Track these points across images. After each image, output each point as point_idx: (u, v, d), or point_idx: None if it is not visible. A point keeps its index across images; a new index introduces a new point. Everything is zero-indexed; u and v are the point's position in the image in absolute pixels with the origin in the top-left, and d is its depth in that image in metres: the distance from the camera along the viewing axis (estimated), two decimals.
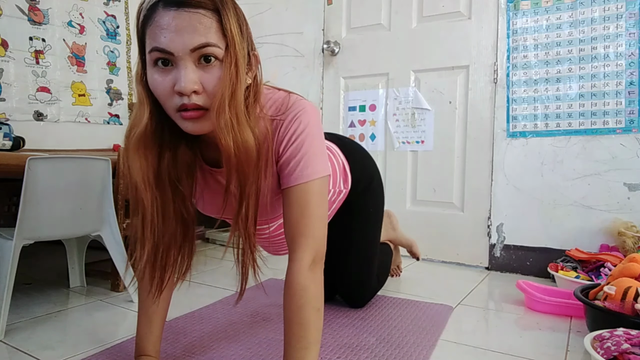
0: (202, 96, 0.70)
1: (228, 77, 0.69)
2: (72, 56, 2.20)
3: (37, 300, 1.46)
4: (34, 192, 1.19)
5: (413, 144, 2.16)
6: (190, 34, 0.67)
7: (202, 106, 0.70)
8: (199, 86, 0.69)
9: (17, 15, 1.99)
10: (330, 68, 2.37)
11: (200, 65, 0.69)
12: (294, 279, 0.78)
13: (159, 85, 0.70)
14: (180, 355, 1.05)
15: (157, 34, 0.68)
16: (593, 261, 1.60)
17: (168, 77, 0.69)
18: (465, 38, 2.01)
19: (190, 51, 0.67)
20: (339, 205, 1.25)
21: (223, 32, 0.69)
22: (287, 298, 0.79)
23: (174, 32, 0.67)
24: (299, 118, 0.81)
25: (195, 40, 0.67)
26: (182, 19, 0.67)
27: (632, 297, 1.12)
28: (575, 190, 1.79)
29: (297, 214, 0.80)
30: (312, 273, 0.79)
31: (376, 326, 1.25)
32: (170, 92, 0.69)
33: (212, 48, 0.68)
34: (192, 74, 0.68)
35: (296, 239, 0.80)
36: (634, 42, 1.68)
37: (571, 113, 1.80)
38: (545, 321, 1.33)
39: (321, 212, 0.82)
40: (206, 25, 0.68)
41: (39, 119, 2.07)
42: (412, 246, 1.76)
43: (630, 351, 0.89)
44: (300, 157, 0.80)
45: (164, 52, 0.68)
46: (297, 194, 0.80)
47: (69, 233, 1.37)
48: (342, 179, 1.20)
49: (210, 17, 0.68)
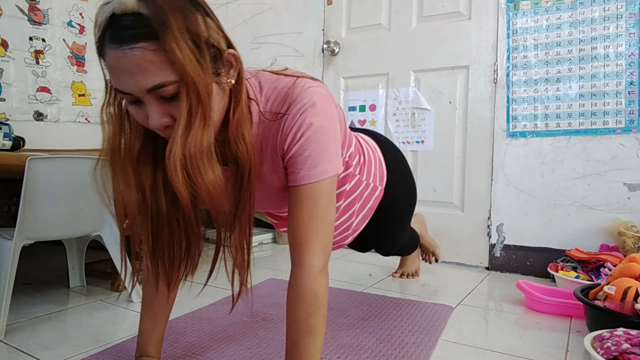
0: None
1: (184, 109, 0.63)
2: (72, 56, 2.20)
3: (37, 300, 1.46)
4: (34, 192, 1.19)
5: (413, 144, 2.16)
6: (140, 76, 0.62)
7: None
8: (169, 119, 0.66)
9: (17, 15, 1.99)
10: (330, 68, 2.37)
11: (165, 100, 0.65)
12: (304, 285, 0.75)
13: (137, 117, 0.68)
14: (180, 356, 1.05)
15: (111, 74, 0.65)
16: (593, 261, 1.60)
17: (142, 112, 0.67)
18: (465, 38, 2.01)
19: (147, 92, 0.63)
20: (376, 204, 1.15)
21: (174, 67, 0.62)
22: (296, 304, 0.76)
23: (125, 74, 0.62)
24: (304, 112, 0.74)
25: (147, 82, 0.62)
26: (127, 60, 0.61)
27: (632, 297, 1.12)
28: (575, 190, 1.79)
29: (305, 216, 0.76)
30: (322, 278, 0.76)
31: (376, 326, 1.25)
32: (147, 123, 0.67)
33: (167, 88, 0.63)
34: (158, 113, 0.65)
35: (304, 243, 0.76)
36: (634, 42, 1.68)
37: (571, 113, 1.80)
38: (545, 321, 1.33)
39: (330, 214, 0.79)
40: (154, 63, 0.61)
41: (39, 119, 2.07)
42: (437, 248, 1.80)
43: (630, 351, 0.89)
44: (307, 155, 0.75)
45: (124, 94, 0.65)
46: (304, 195, 0.76)
47: (69, 233, 1.37)
48: (379, 175, 1.13)
49: (155, 49, 0.60)
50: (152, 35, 0.60)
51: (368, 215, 1.16)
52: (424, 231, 1.78)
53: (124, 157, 0.73)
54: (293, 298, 0.76)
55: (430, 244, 1.79)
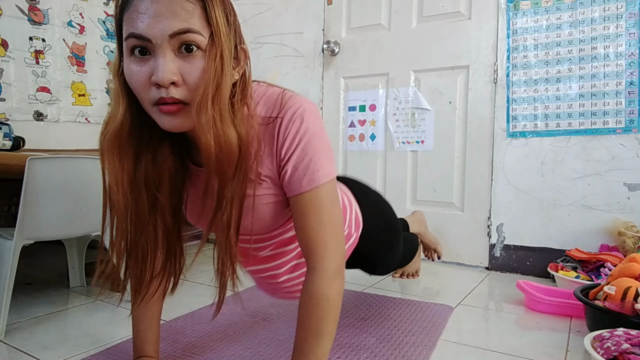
0: (182, 89, 0.64)
1: (212, 69, 0.63)
2: (72, 56, 2.20)
3: (37, 300, 1.46)
4: (34, 192, 1.19)
5: (413, 144, 2.16)
6: (170, 19, 0.61)
7: (181, 100, 0.64)
8: (178, 77, 0.63)
9: (17, 15, 1.99)
10: (330, 68, 2.37)
11: (180, 54, 0.63)
12: (317, 290, 0.74)
13: (135, 75, 0.64)
14: (180, 355, 1.05)
15: (134, 19, 0.62)
16: (593, 261, 1.60)
17: (145, 67, 0.63)
18: (465, 38, 2.01)
19: (169, 37, 0.61)
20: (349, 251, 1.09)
21: (207, 20, 0.63)
22: (307, 307, 0.75)
23: (152, 17, 0.61)
24: (299, 116, 0.73)
25: (175, 25, 0.61)
26: (162, 3, 0.61)
27: (632, 297, 1.12)
28: (575, 190, 1.79)
29: (314, 222, 0.74)
30: (335, 282, 0.75)
31: (376, 326, 1.25)
32: (147, 83, 0.63)
33: (194, 35, 0.62)
34: (171, 64, 0.62)
35: (316, 249, 0.75)
36: (634, 42, 1.68)
37: (571, 113, 1.80)
38: (545, 321, 1.33)
39: (337, 216, 0.78)
40: (188, 11, 0.62)
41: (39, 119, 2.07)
42: (438, 245, 1.80)
43: (630, 351, 0.89)
44: (308, 160, 0.73)
45: (140, 39, 0.62)
46: (310, 201, 0.74)
47: (69, 233, 1.37)
48: (354, 223, 1.08)
49: (193, 2, 0.62)
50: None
51: None
52: (424, 229, 1.77)
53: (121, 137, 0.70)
54: (306, 301, 0.76)
55: (431, 241, 1.79)
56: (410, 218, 1.73)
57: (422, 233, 1.75)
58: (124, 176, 0.71)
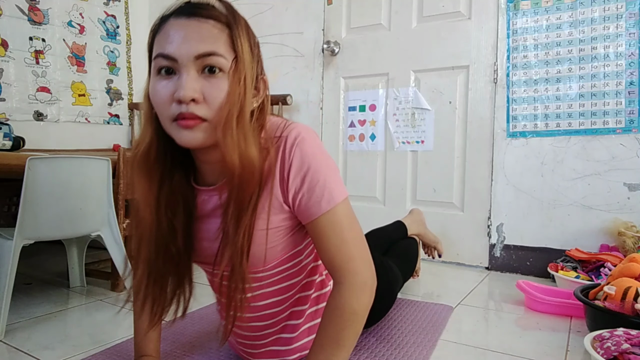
0: (202, 106, 0.66)
1: (237, 92, 0.67)
2: (72, 56, 2.20)
3: (37, 300, 1.46)
4: (34, 192, 1.19)
5: (413, 144, 2.16)
6: (197, 42, 0.66)
7: (199, 116, 0.66)
8: (199, 95, 0.66)
9: (17, 15, 1.99)
10: (330, 68, 2.37)
11: (203, 74, 0.67)
12: (345, 302, 0.74)
13: (159, 92, 0.68)
14: (180, 355, 1.05)
15: (164, 41, 0.67)
16: (593, 261, 1.60)
17: (170, 84, 0.67)
18: (465, 38, 2.01)
19: (195, 58, 0.65)
20: None
21: (232, 46, 0.68)
22: (331, 317, 0.75)
23: (181, 39, 0.66)
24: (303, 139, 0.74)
25: (201, 47, 0.65)
26: (191, 28, 0.66)
27: (632, 297, 1.12)
28: (575, 190, 1.79)
29: (337, 242, 0.74)
30: (363, 296, 0.75)
31: (376, 326, 1.25)
32: (169, 99, 0.67)
33: (218, 58, 0.66)
34: (194, 82, 0.66)
35: (343, 266, 0.75)
36: (634, 42, 1.68)
37: (571, 113, 1.80)
38: (545, 321, 1.33)
39: (358, 231, 0.78)
40: (215, 35, 0.67)
41: (39, 119, 2.07)
42: (438, 243, 1.79)
43: (630, 351, 0.89)
44: (322, 183, 0.73)
45: (167, 58, 0.66)
46: (329, 222, 0.74)
47: (69, 233, 1.37)
48: None
49: (220, 28, 0.67)
50: (222, 20, 0.68)
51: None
52: (423, 229, 1.77)
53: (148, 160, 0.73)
54: (330, 312, 0.75)
55: (431, 239, 1.78)
56: (409, 219, 1.72)
57: (421, 233, 1.74)
58: (151, 197, 0.74)
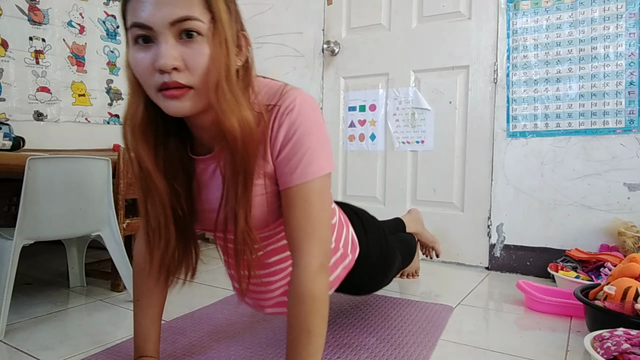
0: (184, 73, 0.65)
1: (220, 54, 0.65)
2: (72, 56, 2.20)
3: (37, 300, 1.46)
4: (34, 192, 1.19)
5: (413, 144, 2.16)
6: (170, 7, 0.63)
7: (184, 84, 0.66)
8: (180, 62, 0.65)
9: (17, 15, 1.99)
10: (330, 68, 2.37)
11: (181, 40, 0.65)
12: (302, 286, 0.74)
13: (139, 63, 0.66)
14: (180, 355, 1.05)
15: (136, 8, 0.65)
16: (593, 261, 1.60)
17: (148, 54, 0.65)
18: (465, 38, 2.01)
19: (170, 25, 0.63)
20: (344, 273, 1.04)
21: (208, 7, 0.65)
22: (294, 305, 0.75)
23: (153, 5, 0.63)
24: (296, 107, 0.74)
25: (175, 12, 0.63)
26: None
27: (632, 297, 1.12)
28: (575, 190, 1.79)
29: (301, 216, 0.74)
30: (319, 279, 0.75)
31: (376, 326, 1.25)
32: (151, 69, 0.65)
33: (194, 22, 0.64)
34: (173, 50, 0.64)
35: (301, 244, 0.75)
36: (634, 42, 1.68)
37: (571, 113, 1.80)
38: (545, 321, 1.33)
39: (326, 212, 0.78)
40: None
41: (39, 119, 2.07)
42: (436, 243, 1.79)
43: (630, 351, 0.89)
44: (302, 152, 0.73)
45: (142, 27, 0.64)
46: (299, 194, 0.74)
47: (69, 233, 1.37)
48: (350, 243, 1.06)
49: None
50: None
51: (334, 284, 1.03)
52: (421, 228, 1.76)
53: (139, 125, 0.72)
54: (292, 299, 0.76)
55: (429, 239, 1.78)
56: (407, 218, 1.72)
57: (419, 232, 1.74)
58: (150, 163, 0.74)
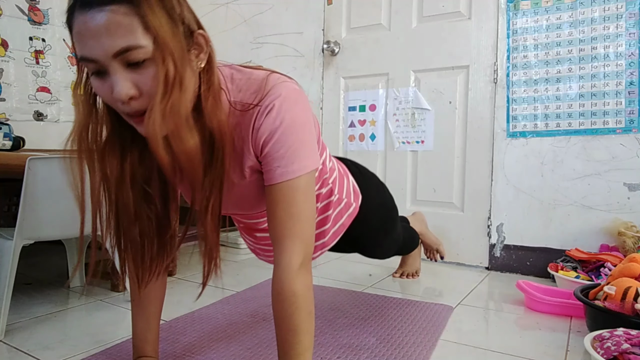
0: (143, 99, 0.64)
1: (162, 76, 0.62)
2: (72, 56, 2.20)
3: (37, 300, 1.46)
4: (34, 192, 1.19)
5: (413, 144, 2.16)
6: (108, 38, 0.59)
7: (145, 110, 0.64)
8: (135, 91, 0.63)
9: (17, 15, 1.99)
10: (330, 68, 2.37)
11: (131, 67, 0.62)
12: (283, 285, 0.74)
13: (100, 92, 0.65)
14: (180, 355, 1.05)
15: (78, 42, 0.62)
16: (593, 261, 1.60)
17: (105, 85, 0.63)
18: (465, 38, 2.01)
19: (113, 57, 0.60)
20: (349, 221, 1.09)
21: (147, 27, 0.60)
22: (277, 304, 0.75)
23: (91, 38, 0.60)
24: (276, 107, 0.72)
25: (115, 44, 0.59)
26: (95, 22, 0.59)
27: (632, 297, 1.12)
28: (575, 190, 1.79)
29: (283, 214, 0.74)
30: (301, 276, 0.74)
31: (376, 326, 1.25)
32: (112, 99, 0.64)
33: (135, 51, 0.60)
34: (124, 80, 0.62)
35: (282, 241, 0.75)
36: (634, 42, 1.68)
37: (571, 113, 1.80)
38: (545, 321, 1.33)
39: (308, 210, 0.77)
40: (123, 25, 0.59)
41: (39, 119, 2.07)
42: (440, 245, 1.79)
43: (630, 351, 0.89)
44: (284, 151, 0.73)
45: (89, 61, 0.62)
46: (281, 192, 0.74)
47: (69, 233, 1.37)
48: (353, 193, 1.09)
49: (126, 12, 0.59)
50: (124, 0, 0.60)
51: (340, 232, 1.09)
52: (424, 229, 1.77)
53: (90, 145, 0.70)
54: (274, 298, 0.76)
55: (433, 241, 1.78)
56: (411, 218, 1.73)
57: (423, 233, 1.75)
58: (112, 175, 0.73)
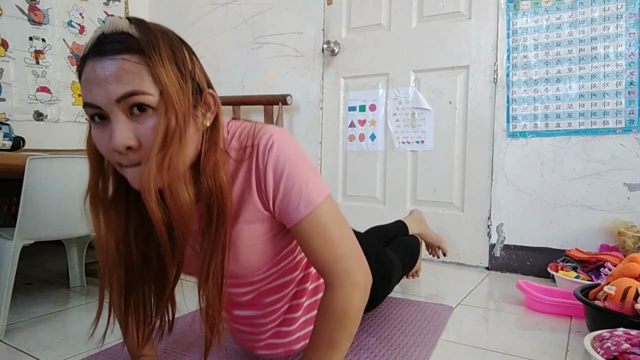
0: (140, 152, 0.62)
1: (162, 129, 0.60)
2: (72, 56, 2.20)
3: (37, 300, 1.46)
4: (34, 192, 1.19)
5: (413, 144, 2.16)
6: (114, 84, 0.59)
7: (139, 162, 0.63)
8: (134, 141, 0.61)
9: (17, 15, 1.99)
10: (330, 68, 2.37)
11: (133, 116, 0.61)
12: (335, 303, 0.72)
13: (97, 142, 0.64)
14: (180, 355, 1.05)
15: (85, 88, 0.62)
16: (593, 261, 1.60)
17: (105, 133, 0.62)
18: (465, 38, 2.01)
19: (116, 102, 0.60)
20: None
21: (155, 80, 0.61)
22: (322, 317, 0.74)
23: (98, 85, 0.60)
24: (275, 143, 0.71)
25: (119, 89, 0.59)
26: (105, 69, 0.59)
27: (632, 297, 1.12)
28: (575, 190, 1.79)
29: (322, 243, 0.72)
30: (356, 296, 0.73)
31: (376, 326, 1.25)
32: (109, 149, 0.62)
33: (141, 96, 0.60)
34: (125, 129, 0.60)
35: (332, 267, 0.73)
36: (634, 42, 1.68)
37: (571, 113, 1.80)
38: (545, 321, 1.33)
39: (346, 230, 0.76)
40: (131, 72, 0.59)
41: (39, 119, 2.07)
42: (442, 242, 1.79)
43: (630, 351, 0.89)
44: (298, 187, 0.71)
45: (91, 107, 0.62)
46: (311, 224, 0.72)
47: (69, 233, 1.37)
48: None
49: (136, 61, 0.60)
50: (137, 49, 0.60)
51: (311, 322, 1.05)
52: (424, 228, 1.76)
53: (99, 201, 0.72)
54: (322, 313, 0.74)
55: (434, 239, 1.78)
56: (409, 219, 1.72)
57: (423, 232, 1.74)
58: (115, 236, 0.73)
